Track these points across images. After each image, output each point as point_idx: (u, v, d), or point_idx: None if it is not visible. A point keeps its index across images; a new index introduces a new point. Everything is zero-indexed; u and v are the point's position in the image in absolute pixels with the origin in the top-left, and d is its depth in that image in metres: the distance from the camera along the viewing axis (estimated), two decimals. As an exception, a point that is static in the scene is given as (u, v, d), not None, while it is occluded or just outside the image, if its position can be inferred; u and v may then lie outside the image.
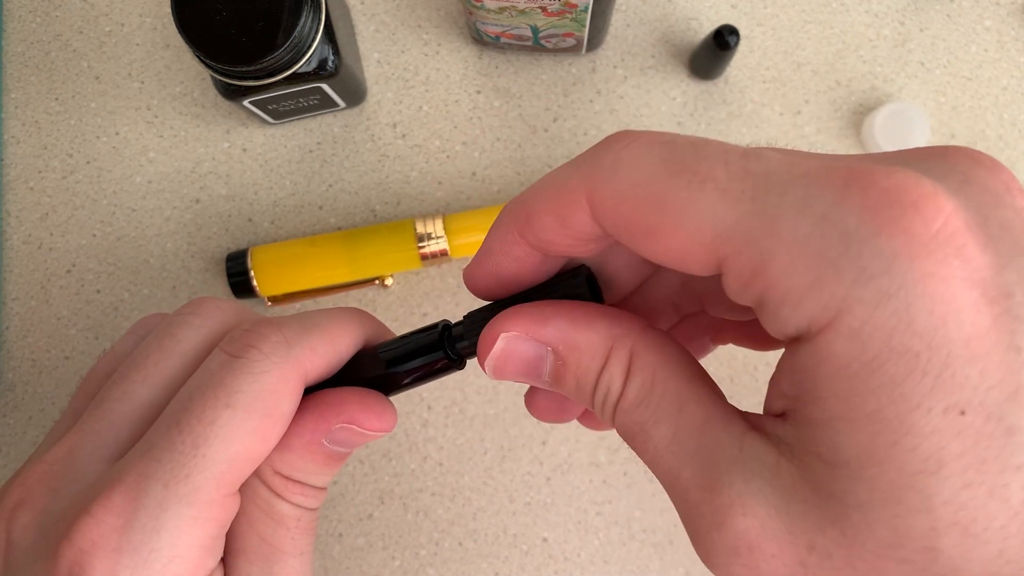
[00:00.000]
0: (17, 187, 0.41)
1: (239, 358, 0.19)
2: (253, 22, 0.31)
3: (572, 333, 0.17)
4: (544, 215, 0.17)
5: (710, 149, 0.14)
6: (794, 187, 0.13)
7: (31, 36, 0.42)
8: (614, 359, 0.17)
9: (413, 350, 0.21)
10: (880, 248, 0.12)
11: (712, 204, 0.14)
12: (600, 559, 0.38)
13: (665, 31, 0.41)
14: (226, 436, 0.18)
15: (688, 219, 0.14)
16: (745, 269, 0.14)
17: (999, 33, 0.40)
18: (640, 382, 0.16)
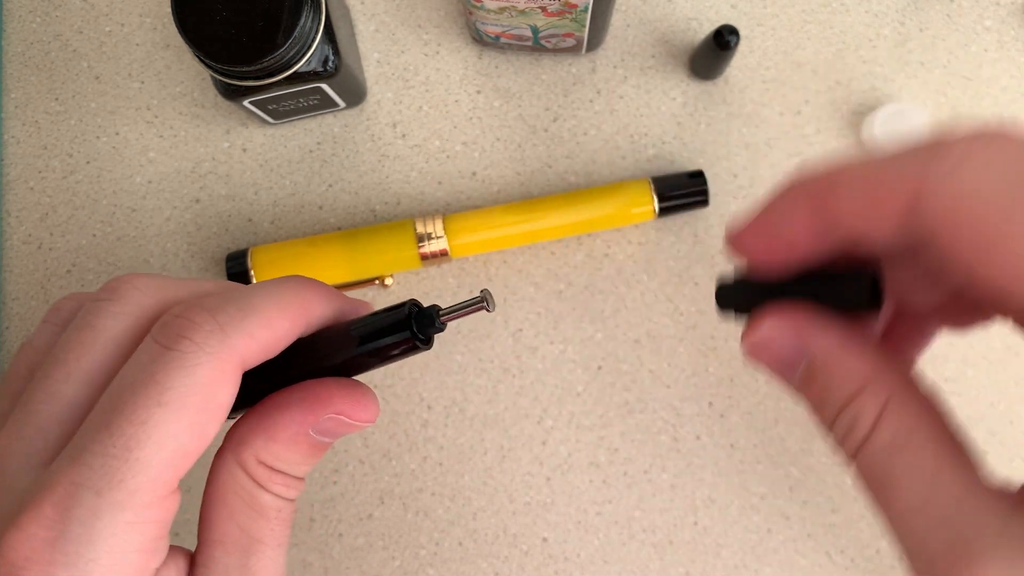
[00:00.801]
0: (17, 187, 0.41)
1: (170, 350, 0.18)
2: (253, 22, 0.31)
3: (839, 352, 0.17)
4: (854, 192, 0.16)
5: None
6: None
7: (31, 36, 0.42)
8: (869, 395, 0.16)
9: (382, 329, 0.21)
10: None
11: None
12: (600, 559, 0.38)
13: (665, 31, 0.41)
14: (160, 436, 0.17)
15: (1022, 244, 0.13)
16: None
17: (999, 33, 0.40)
18: (897, 430, 0.16)
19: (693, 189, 0.38)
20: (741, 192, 0.40)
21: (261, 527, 0.20)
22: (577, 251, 0.39)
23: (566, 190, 0.40)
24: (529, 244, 0.39)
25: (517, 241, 0.38)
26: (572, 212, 0.38)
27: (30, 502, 0.17)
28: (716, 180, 0.40)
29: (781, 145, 0.40)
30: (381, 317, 0.21)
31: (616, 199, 0.38)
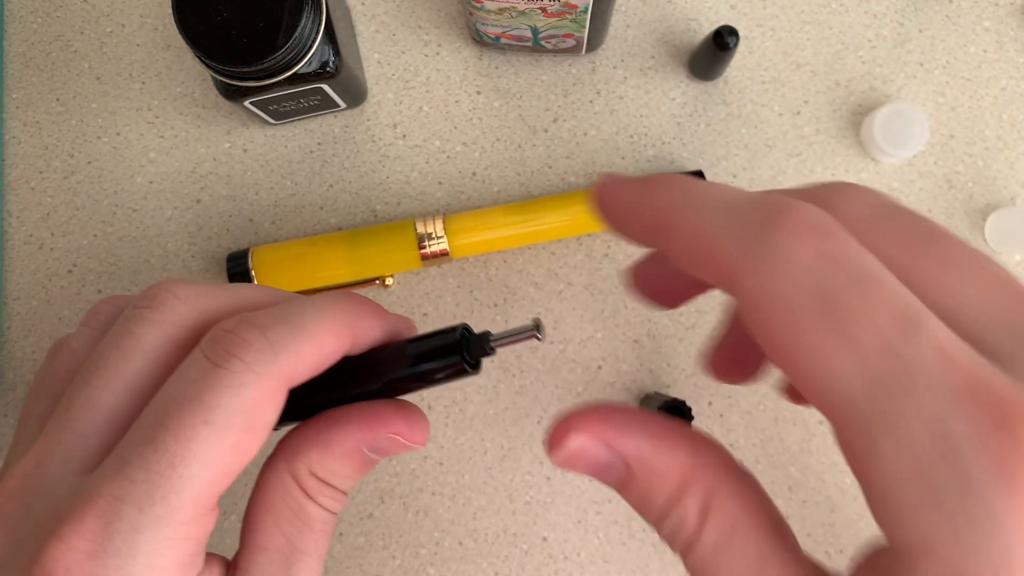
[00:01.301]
0: (18, 187, 0.41)
1: (219, 368, 0.18)
2: (254, 22, 0.31)
3: (650, 452, 0.16)
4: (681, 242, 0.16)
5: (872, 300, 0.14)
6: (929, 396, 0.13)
7: (32, 37, 0.42)
8: (690, 495, 0.16)
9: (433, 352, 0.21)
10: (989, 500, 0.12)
11: (846, 367, 0.13)
12: (600, 559, 0.38)
13: (665, 32, 0.41)
14: (204, 454, 0.18)
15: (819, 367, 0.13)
16: (854, 443, 0.13)
17: (998, 34, 0.41)
18: (719, 532, 0.16)
19: (693, 189, 0.38)
20: (741, 192, 0.40)
21: (306, 537, 0.21)
22: (577, 251, 0.40)
23: (566, 190, 0.40)
24: (529, 244, 0.39)
25: (517, 241, 0.38)
26: (572, 212, 0.38)
27: (71, 512, 0.17)
28: (716, 180, 0.40)
29: (781, 145, 0.40)
30: (433, 340, 0.21)
31: (616, 199, 0.38)
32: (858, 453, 0.13)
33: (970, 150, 0.40)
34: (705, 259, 0.15)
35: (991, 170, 0.40)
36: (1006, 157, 0.40)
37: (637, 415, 0.17)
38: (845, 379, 0.13)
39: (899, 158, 0.39)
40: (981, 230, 0.39)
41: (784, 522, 0.16)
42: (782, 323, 0.14)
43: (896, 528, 0.13)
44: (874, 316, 0.13)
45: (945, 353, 0.13)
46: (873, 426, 0.13)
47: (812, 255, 0.14)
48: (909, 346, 0.13)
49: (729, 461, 0.16)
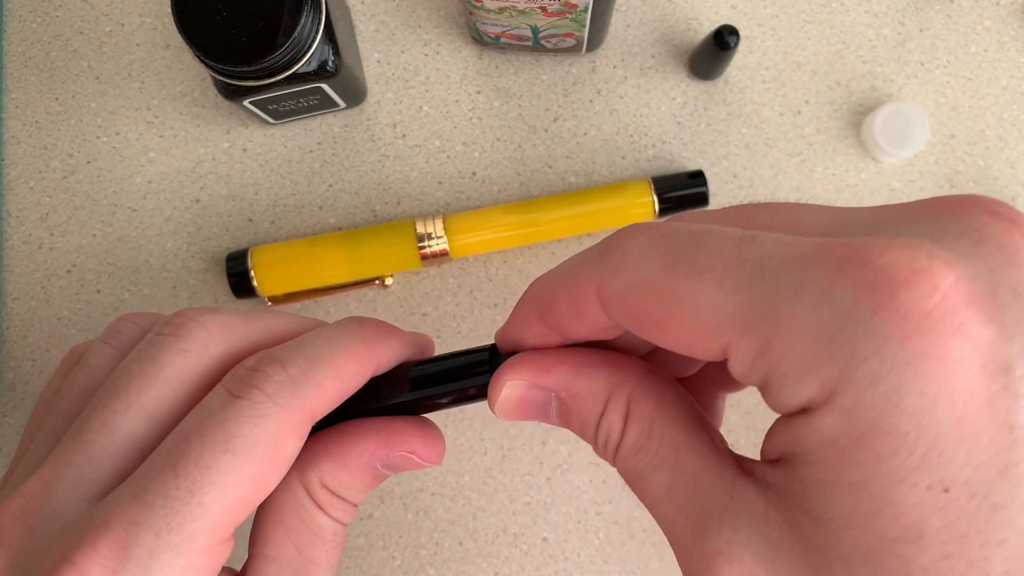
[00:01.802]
0: (17, 187, 0.41)
1: (240, 399, 0.18)
2: (253, 22, 0.31)
3: (574, 381, 0.18)
4: (560, 305, 0.17)
5: (707, 239, 0.15)
6: (788, 271, 0.13)
7: (31, 36, 0.42)
8: (612, 406, 0.17)
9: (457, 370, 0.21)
10: (872, 330, 0.12)
11: (711, 294, 0.14)
12: (600, 559, 0.38)
13: (665, 31, 0.41)
14: (224, 483, 0.18)
15: (690, 310, 0.14)
16: (747, 355, 0.14)
17: (999, 33, 0.40)
18: (638, 430, 0.17)
19: (693, 189, 0.38)
20: (741, 192, 0.40)
21: (317, 548, 0.21)
22: (577, 251, 0.39)
23: (566, 190, 0.40)
24: (529, 244, 0.39)
25: (517, 241, 0.38)
26: (572, 212, 0.38)
27: (85, 538, 0.17)
28: (716, 180, 0.40)
29: (781, 145, 0.40)
30: (461, 359, 0.21)
31: (616, 199, 0.38)
32: (751, 356, 0.14)
33: (971, 150, 0.40)
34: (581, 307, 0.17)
35: (992, 170, 0.40)
36: (1007, 157, 0.40)
37: (559, 353, 0.18)
38: (715, 305, 0.14)
39: (900, 158, 0.39)
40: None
41: (704, 417, 0.17)
42: (646, 299, 0.15)
43: (799, 393, 0.13)
44: (712, 247, 0.14)
45: (785, 241, 0.14)
46: (752, 327, 0.13)
47: (646, 241, 0.15)
48: (752, 249, 0.14)
49: (647, 370, 0.18)
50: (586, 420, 0.18)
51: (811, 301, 0.13)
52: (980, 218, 0.14)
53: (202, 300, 0.39)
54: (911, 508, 0.12)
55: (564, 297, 0.17)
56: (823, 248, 0.13)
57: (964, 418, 0.12)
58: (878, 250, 0.13)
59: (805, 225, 0.16)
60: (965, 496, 0.12)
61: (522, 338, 0.19)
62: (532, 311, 0.18)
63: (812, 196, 0.40)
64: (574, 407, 0.18)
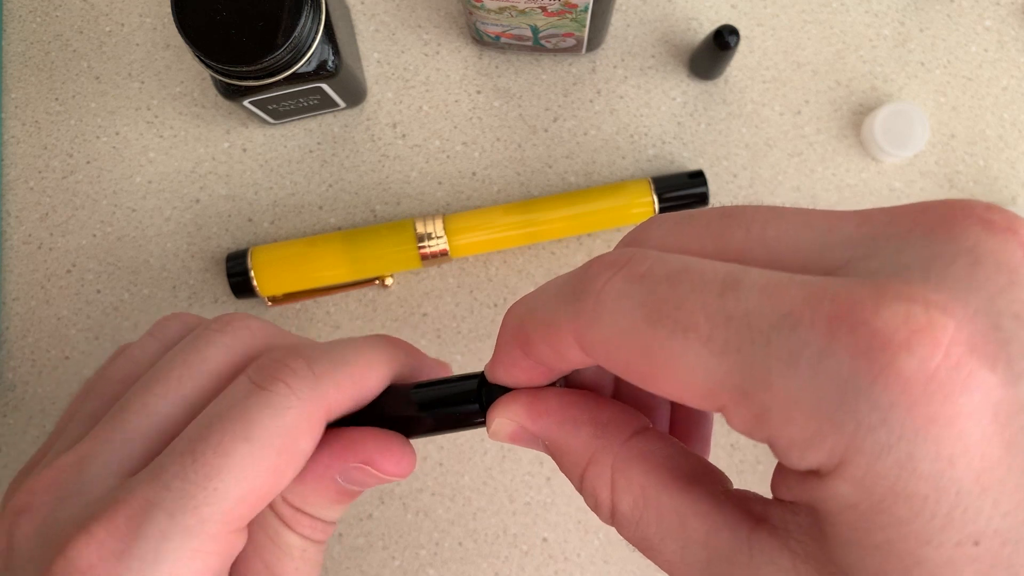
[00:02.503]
0: (17, 187, 0.41)
1: (264, 390, 0.19)
2: (253, 22, 0.31)
3: (557, 433, 0.18)
4: (539, 345, 0.16)
5: (686, 285, 0.14)
6: (778, 333, 0.13)
7: (31, 36, 0.42)
8: (594, 471, 0.17)
9: (447, 396, 0.21)
10: (875, 400, 0.12)
11: (698, 357, 0.13)
12: (600, 559, 0.38)
13: (665, 31, 0.41)
14: (240, 470, 0.18)
15: (678, 371, 0.14)
16: (745, 419, 0.13)
17: (999, 33, 0.40)
18: (631, 501, 0.16)
19: (693, 189, 0.38)
20: (741, 192, 0.40)
21: (285, 565, 0.20)
22: (577, 251, 0.39)
23: (566, 190, 0.40)
24: (529, 244, 0.39)
25: (517, 241, 0.38)
26: (572, 212, 0.38)
27: (104, 511, 0.17)
28: (716, 180, 0.40)
29: (781, 145, 0.40)
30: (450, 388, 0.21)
31: (616, 199, 0.38)
32: (749, 421, 0.13)
33: (971, 150, 0.40)
34: (560, 346, 0.16)
35: (992, 170, 0.40)
36: (1007, 157, 0.40)
37: (547, 399, 0.18)
38: (705, 369, 0.13)
39: (900, 158, 0.39)
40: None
41: (700, 468, 0.17)
42: (631, 355, 0.14)
43: (806, 461, 0.13)
44: (694, 299, 0.13)
45: (770, 290, 0.13)
46: (747, 395, 0.13)
47: (621, 284, 0.14)
48: (737, 302, 0.13)
49: (634, 429, 0.17)
50: (570, 474, 0.18)
51: (806, 370, 0.12)
52: (973, 233, 0.13)
53: (202, 300, 0.39)
54: (943, 566, 0.12)
55: (542, 340, 0.16)
56: (812, 304, 0.12)
57: (984, 470, 0.12)
58: (871, 309, 0.12)
59: (784, 246, 0.15)
60: (997, 544, 0.12)
61: (511, 374, 0.18)
62: (514, 346, 0.17)
63: (812, 196, 0.40)
64: (557, 458, 0.18)
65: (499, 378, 0.19)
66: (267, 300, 0.39)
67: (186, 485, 0.18)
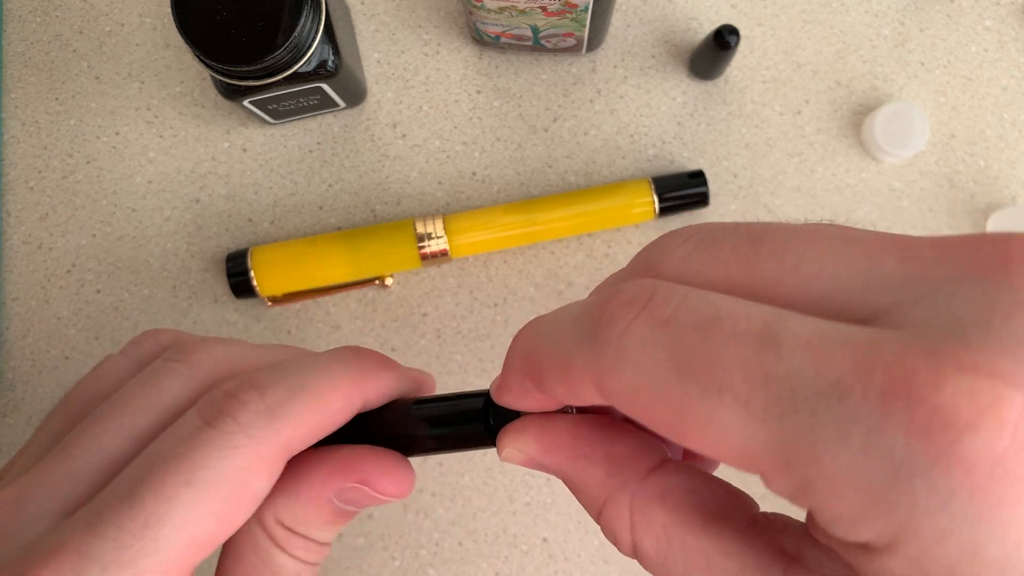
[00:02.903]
0: (17, 187, 0.41)
1: (211, 427, 0.17)
2: (253, 22, 0.31)
3: (570, 469, 0.17)
4: (554, 384, 0.15)
5: (720, 338, 0.12)
6: (826, 403, 0.11)
7: (31, 36, 0.42)
8: (612, 514, 0.16)
9: (451, 415, 0.20)
10: (935, 483, 0.11)
11: (735, 420, 0.12)
12: (600, 559, 0.38)
13: (665, 31, 0.41)
14: (182, 518, 0.16)
15: (711, 431, 0.12)
16: (786, 488, 0.12)
17: (999, 33, 0.40)
18: (654, 542, 0.15)
19: (693, 189, 0.38)
20: (741, 192, 0.40)
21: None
22: (577, 251, 0.39)
23: (566, 190, 0.40)
24: (529, 244, 0.39)
25: (517, 241, 0.38)
26: (572, 212, 0.38)
27: (35, 562, 0.16)
28: (716, 180, 0.40)
29: (781, 145, 0.40)
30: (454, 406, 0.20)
31: (616, 199, 0.38)
32: (792, 490, 0.12)
33: (971, 150, 0.40)
34: (575, 386, 0.15)
35: (992, 170, 0.40)
36: (1007, 157, 0.40)
37: (563, 430, 0.17)
38: (743, 433, 0.12)
39: (900, 158, 0.39)
40: (983, 230, 0.39)
41: (725, 498, 0.16)
42: (658, 410, 0.13)
43: (852, 536, 0.12)
44: (730, 355, 0.12)
45: (814, 350, 0.12)
46: (790, 467, 0.12)
47: (645, 330, 0.13)
48: (778, 362, 0.12)
49: (651, 466, 0.16)
50: (587, 509, 0.17)
51: (857, 446, 0.11)
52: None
53: (202, 300, 0.39)
54: None
55: (557, 379, 0.15)
56: (863, 372, 0.11)
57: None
58: (930, 383, 0.11)
59: (823, 283, 0.13)
60: None
61: (521, 402, 0.17)
62: (524, 379, 0.16)
63: (812, 196, 0.40)
64: (573, 491, 0.17)
65: (507, 403, 0.18)
66: (267, 300, 0.39)
67: (121, 534, 0.16)
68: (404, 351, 0.39)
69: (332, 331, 0.39)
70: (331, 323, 0.39)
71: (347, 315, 0.39)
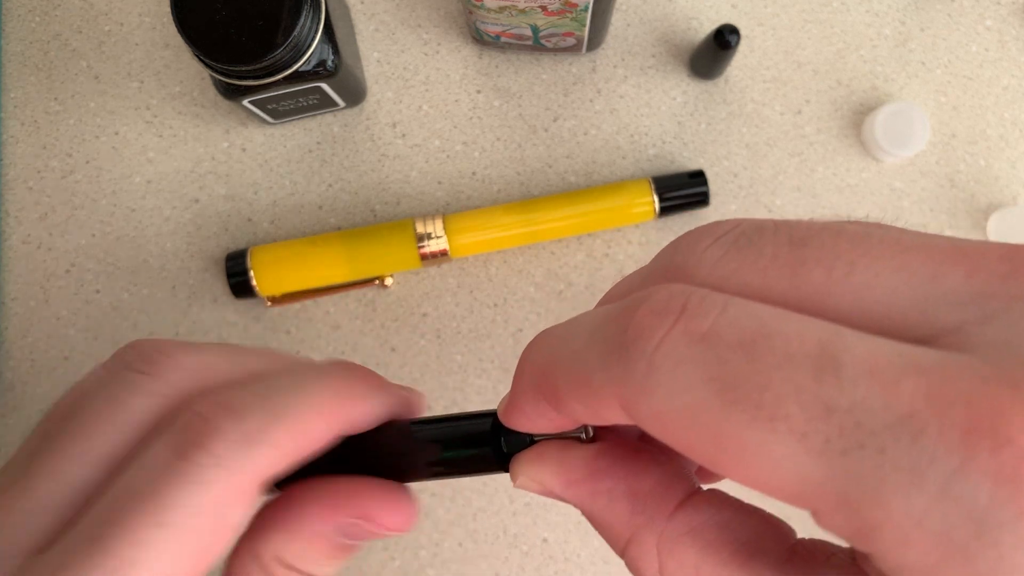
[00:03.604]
0: (16, 187, 0.40)
1: (183, 460, 0.16)
2: (253, 21, 0.31)
3: (591, 505, 0.16)
4: (572, 401, 0.14)
5: (770, 360, 0.11)
6: (897, 441, 0.10)
7: (30, 35, 0.41)
8: (637, 554, 0.15)
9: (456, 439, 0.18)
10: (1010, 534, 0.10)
11: (790, 455, 0.11)
12: (600, 559, 0.38)
13: (665, 31, 0.41)
14: (156, 561, 0.15)
15: (759, 463, 0.11)
16: (843, 528, 0.11)
17: (1000, 33, 0.40)
18: None
19: (694, 189, 0.38)
20: (741, 192, 0.40)
21: None
22: (577, 251, 0.39)
23: (566, 190, 0.40)
24: (529, 244, 0.39)
25: (517, 241, 0.38)
26: (572, 212, 0.38)
27: None
28: (716, 180, 0.39)
29: (782, 145, 0.40)
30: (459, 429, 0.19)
31: (616, 199, 0.38)
32: (850, 531, 0.11)
33: (972, 149, 0.40)
34: (598, 406, 0.13)
35: (993, 169, 0.40)
36: (1008, 156, 0.40)
37: (581, 464, 0.16)
38: (797, 468, 0.11)
39: (901, 157, 0.39)
40: (983, 229, 0.39)
41: (760, 529, 0.15)
42: (696, 437, 0.12)
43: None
44: (783, 381, 0.11)
45: (882, 379, 0.11)
46: (852, 509, 0.11)
47: (681, 346, 0.12)
48: (840, 391, 0.11)
49: (677, 499, 0.15)
50: (610, 544, 0.16)
51: (933, 492, 0.10)
52: None
53: (201, 300, 0.39)
54: None
55: (575, 397, 0.14)
56: (939, 407, 0.10)
57: None
58: (1019, 422, 0.10)
59: (878, 298, 0.12)
60: None
61: (534, 424, 0.16)
62: (538, 398, 0.15)
63: (813, 196, 0.39)
64: (594, 526, 0.16)
65: (517, 425, 0.17)
66: (267, 300, 0.39)
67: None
68: (404, 351, 0.39)
69: (332, 331, 0.39)
70: (331, 323, 0.39)
71: (347, 315, 0.39)
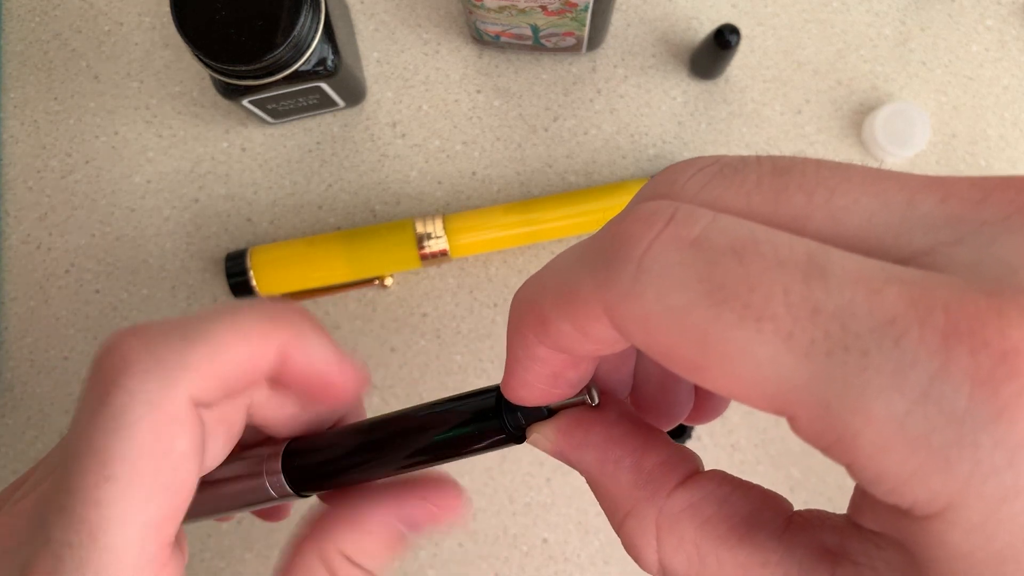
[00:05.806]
0: (16, 187, 0.40)
1: (104, 405, 0.16)
2: (252, 21, 0.31)
3: (595, 472, 0.16)
4: (559, 322, 0.14)
5: (760, 263, 0.11)
6: (880, 343, 0.10)
7: (30, 35, 0.41)
8: (634, 528, 0.15)
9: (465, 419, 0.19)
10: (1001, 437, 0.10)
11: (774, 353, 0.11)
12: (600, 560, 0.37)
13: (665, 30, 0.41)
14: (120, 517, 0.16)
15: (741, 366, 0.11)
16: (820, 435, 0.11)
17: (1000, 32, 0.40)
18: (684, 560, 0.14)
19: (694, 189, 0.38)
20: (742, 192, 0.39)
21: None
22: (577, 251, 0.39)
23: (566, 190, 0.39)
24: (529, 244, 0.39)
25: (517, 241, 0.38)
26: (572, 212, 0.38)
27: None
28: (717, 180, 0.39)
29: (782, 145, 0.40)
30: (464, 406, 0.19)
31: (617, 199, 0.38)
32: (828, 438, 0.11)
33: (972, 149, 0.40)
34: (578, 320, 0.13)
35: (993, 169, 0.40)
36: (1008, 156, 0.40)
37: (594, 427, 0.16)
38: (779, 370, 0.11)
39: (901, 157, 0.39)
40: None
41: (759, 503, 0.15)
42: (680, 340, 0.12)
43: (898, 497, 0.11)
44: (772, 281, 0.11)
45: (868, 286, 0.11)
46: (833, 412, 0.11)
47: (671, 250, 0.12)
48: (827, 294, 0.11)
49: (679, 478, 0.15)
50: (608, 515, 0.16)
51: (914, 394, 0.10)
52: None
53: (201, 300, 0.39)
54: None
55: (562, 315, 0.13)
56: (921, 312, 0.10)
57: None
58: (995, 326, 0.10)
59: (856, 220, 0.12)
60: None
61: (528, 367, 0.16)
62: (527, 333, 0.14)
63: (813, 196, 0.39)
64: (596, 495, 0.16)
65: (514, 387, 0.16)
66: (266, 300, 0.39)
67: (75, 551, 0.16)
68: (404, 351, 0.39)
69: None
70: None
71: (346, 315, 0.39)
